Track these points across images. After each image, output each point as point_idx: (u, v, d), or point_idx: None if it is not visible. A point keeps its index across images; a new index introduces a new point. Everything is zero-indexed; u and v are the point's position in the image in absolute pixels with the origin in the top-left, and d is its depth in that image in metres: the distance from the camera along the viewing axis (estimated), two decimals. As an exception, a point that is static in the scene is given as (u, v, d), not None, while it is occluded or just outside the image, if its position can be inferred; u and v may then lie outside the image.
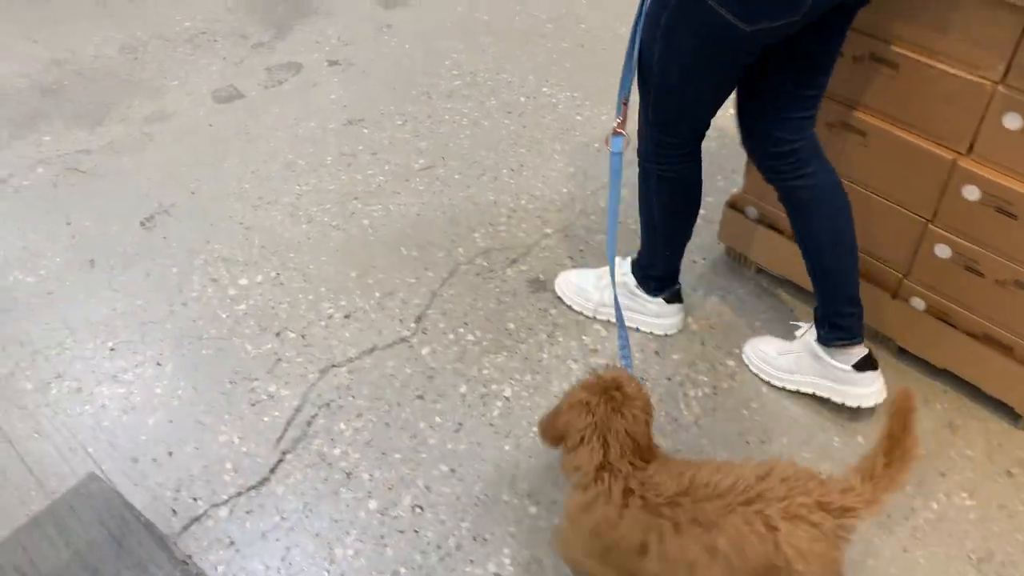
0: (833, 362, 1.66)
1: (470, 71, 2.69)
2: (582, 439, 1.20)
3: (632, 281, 1.86)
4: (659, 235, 1.75)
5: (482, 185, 2.26)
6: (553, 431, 1.27)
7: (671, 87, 1.46)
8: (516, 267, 2.05)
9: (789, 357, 1.75)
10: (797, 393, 1.74)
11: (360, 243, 2.10)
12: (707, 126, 1.58)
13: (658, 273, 1.82)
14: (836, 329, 1.63)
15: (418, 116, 2.51)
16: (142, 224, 2.15)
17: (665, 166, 1.62)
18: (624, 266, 1.88)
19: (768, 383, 1.77)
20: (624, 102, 1.48)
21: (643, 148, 1.62)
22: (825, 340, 1.66)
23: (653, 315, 1.87)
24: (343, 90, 2.61)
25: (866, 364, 1.64)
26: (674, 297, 1.87)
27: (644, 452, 1.21)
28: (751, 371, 1.80)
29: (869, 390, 1.65)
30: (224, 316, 1.92)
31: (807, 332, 1.72)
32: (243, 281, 2.02)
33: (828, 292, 1.63)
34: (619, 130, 1.49)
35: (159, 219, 2.17)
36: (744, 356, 1.83)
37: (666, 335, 1.89)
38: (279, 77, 2.66)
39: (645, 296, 1.85)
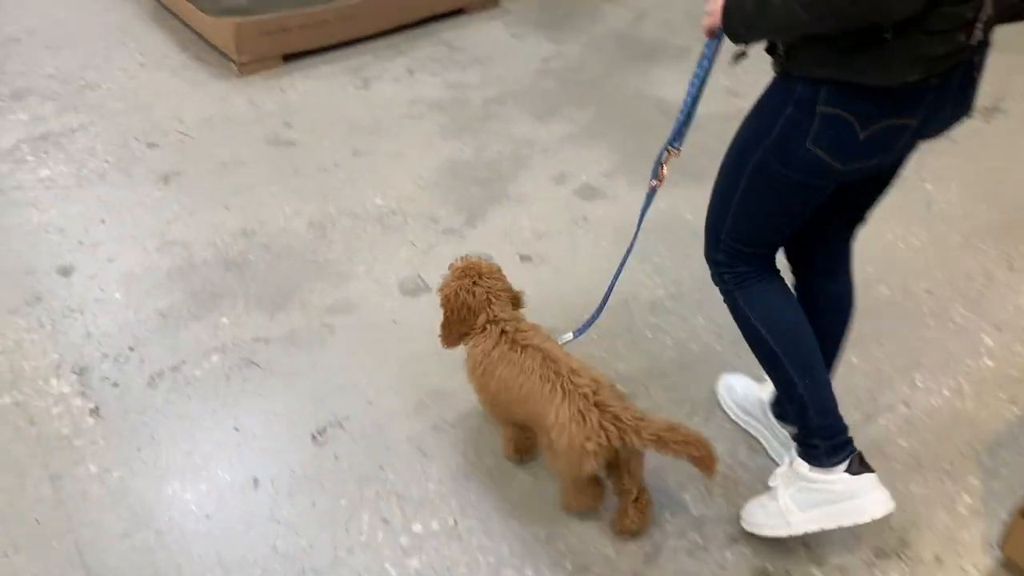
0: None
1: (674, 280, 2.43)
2: (480, 308, 1.69)
3: (804, 466, 1.61)
4: (783, 361, 1.59)
5: (692, 426, 1.94)
6: (455, 331, 1.73)
7: (753, 210, 1.51)
8: (736, 548, 1.70)
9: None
10: None
11: (549, 492, 1.81)
12: (782, 244, 1.64)
13: (816, 423, 1.58)
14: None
15: (615, 330, 2.25)
16: (313, 438, 1.95)
17: (747, 282, 1.60)
18: (792, 453, 1.67)
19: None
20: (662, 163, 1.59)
21: (720, 276, 1.63)
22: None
23: (847, 497, 1.58)
24: (533, 290, 2.39)
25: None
26: (859, 464, 1.58)
27: (516, 301, 1.77)
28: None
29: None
30: (394, 574, 1.65)
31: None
32: (417, 527, 1.75)
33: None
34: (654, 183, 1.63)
35: (332, 433, 1.96)
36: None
37: (873, 520, 1.55)
38: (468, 270, 2.48)
39: (823, 476, 1.59)
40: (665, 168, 1.60)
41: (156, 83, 3.39)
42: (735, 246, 1.56)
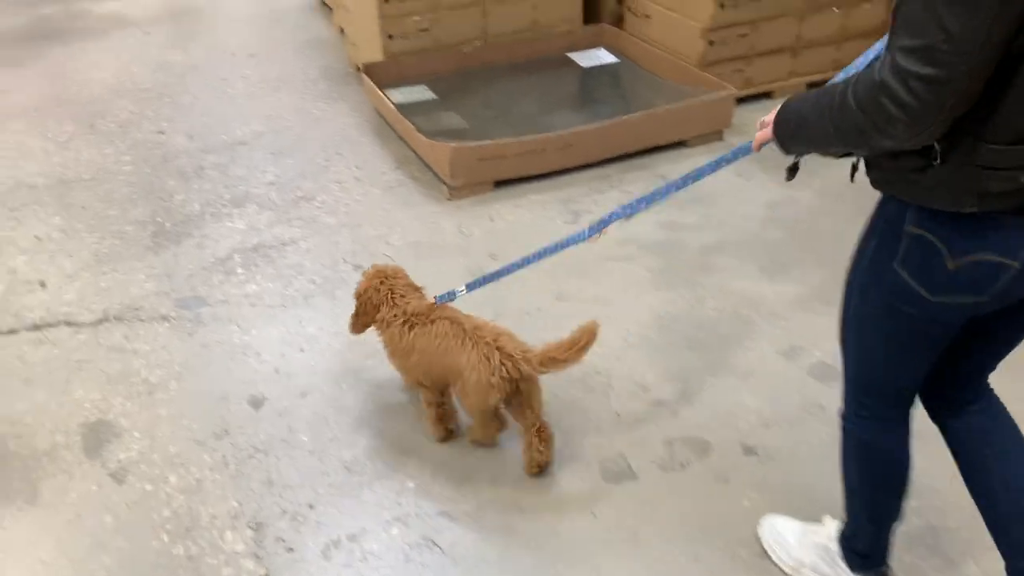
0: None
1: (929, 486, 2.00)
2: (381, 303, 2.16)
3: (836, 549, 1.77)
4: (859, 503, 1.68)
5: None
6: (360, 320, 2.22)
7: (866, 346, 1.48)
8: None
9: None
10: None
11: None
12: (910, 395, 1.54)
13: (861, 547, 1.72)
14: None
15: (860, 562, 1.85)
16: (494, 659, 1.68)
17: (862, 429, 1.58)
18: (832, 529, 1.80)
19: None
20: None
21: (843, 407, 1.61)
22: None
23: None
24: (757, 492, 2.05)
25: None
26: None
27: (414, 291, 2.20)
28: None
29: None
30: None
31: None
32: None
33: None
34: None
35: (514, 654, 1.69)
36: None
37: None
38: (681, 457, 2.17)
39: (846, 570, 1.75)
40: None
41: (369, 199, 3.38)
42: (859, 397, 1.55)
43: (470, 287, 2.13)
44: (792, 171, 1.51)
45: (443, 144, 3.31)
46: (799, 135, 1.34)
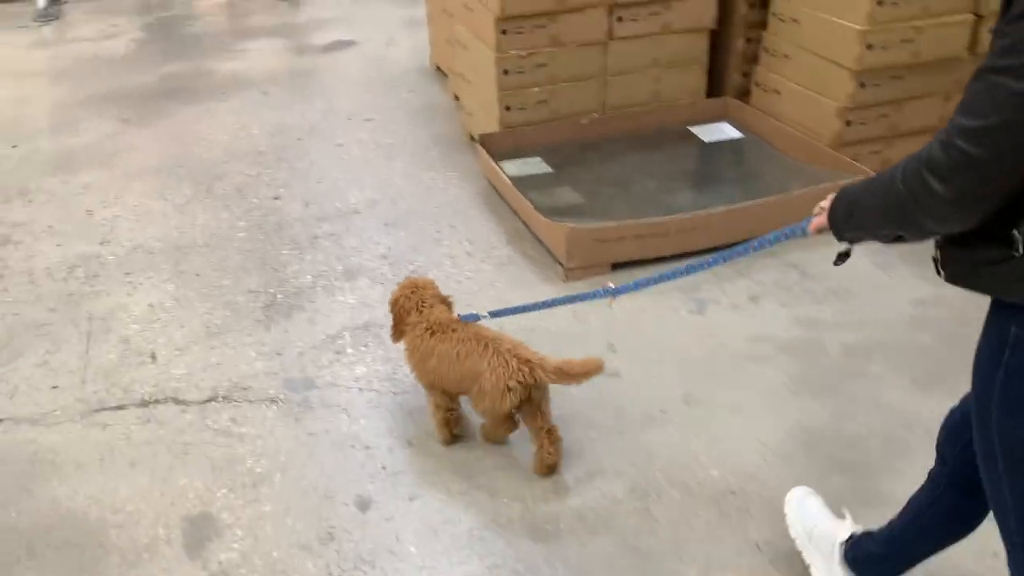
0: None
1: None
2: (411, 310, 2.36)
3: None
4: None
5: None
6: (398, 329, 2.41)
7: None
8: None
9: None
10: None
11: None
12: None
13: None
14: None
15: None
16: None
17: None
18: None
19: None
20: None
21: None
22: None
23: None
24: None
25: None
26: None
27: (440, 303, 2.39)
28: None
29: None
30: None
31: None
32: None
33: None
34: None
35: None
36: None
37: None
38: (833, 607, 1.91)
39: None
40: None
41: (480, 276, 3.25)
42: None
43: (493, 314, 2.37)
44: (843, 257, 1.53)
45: (559, 224, 3.17)
46: (851, 219, 1.36)
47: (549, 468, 2.29)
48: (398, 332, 2.42)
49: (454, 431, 2.42)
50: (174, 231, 3.64)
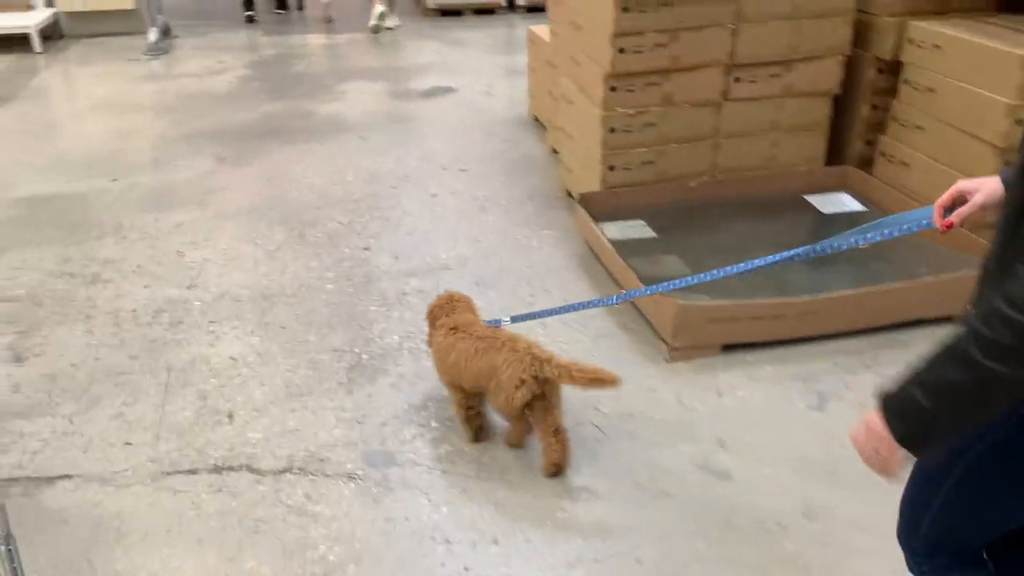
0: None
1: None
2: (441, 315, 2.58)
3: None
4: None
5: None
6: (430, 334, 2.63)
7: (968, 505, 1.35)
8: None
9: None
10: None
11: None
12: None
13: None
14: None
15: None
16: None
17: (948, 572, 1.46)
18: None
19: None
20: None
21: (917, 565, 1.51)
22: None
23: None
24: None
25: None
26: None
27: (469, 312, 2.60)
28: None
29: None
30: None
31: None
32: None
33: None
34: None
35: None
36: None
37: None
38: None
39: None
40: None
41: (576, 349, 3.02)
42: (939, 540, 1.43)
43: (514, 319, 2.60)
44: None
45: (667, 299, 2.93)
46: (931, 433, 1.15)
47: (555, 466, 2.40)
48: (430, 336, 2.63)
49: (478, 424, 2.56)
50: (262, 278, 3.54)
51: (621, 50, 3.50)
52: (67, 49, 7.48)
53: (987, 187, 1.46)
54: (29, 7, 7.71)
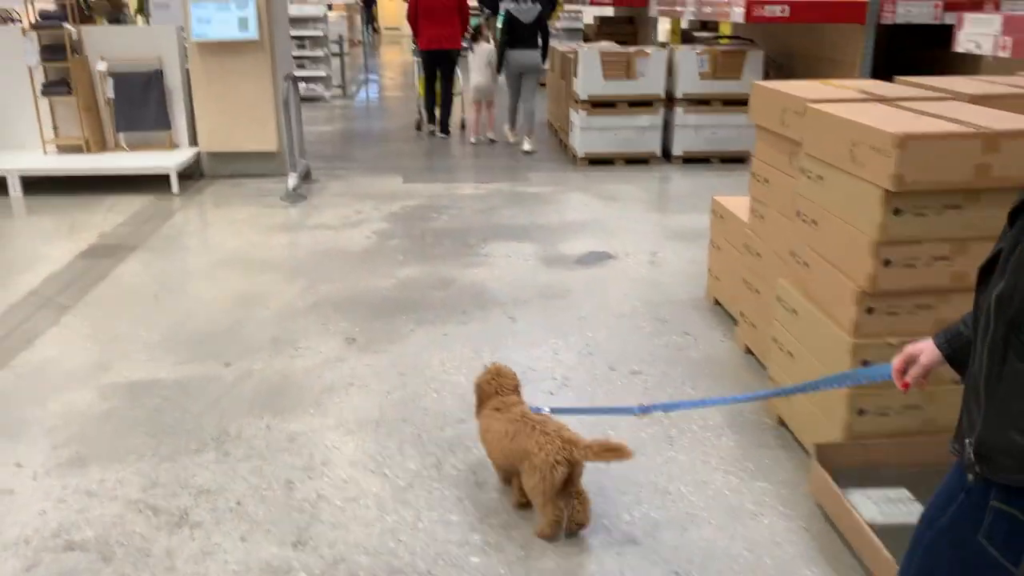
0: None
1: None
2: (492, 394, 2.84)
3: None
4: None
5: None
6: (479, 408, 2.90)
7: None
8: None
9: None
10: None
11: None
12: None
13: None
14: None
15: None
16: None
17: None
18: None
19: None
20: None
21: None
22: None
23: None
24: None
25: None
26: None
27: (514, 392, 2.85)
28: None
29: None
30: None
31: None
32: None
33: None
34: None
35: None
36: None
37: None
38: None
39: None
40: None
41: None
42: None
43: (554, 411, 2.73)
44: None
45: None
46: None
47: (578, 525, 2.63)
48: (479, 411, 2.88)
49: (523, 500, 2.72)
50: (388, 539, 2.68)
51: (887, 262, 2.59)
52: (205, 190, 7.22)
53: (927, 351, 1.63)
54: (174, 146, 7.58)
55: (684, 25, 13.87)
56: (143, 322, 4.40)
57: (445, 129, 9.58)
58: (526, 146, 8.75)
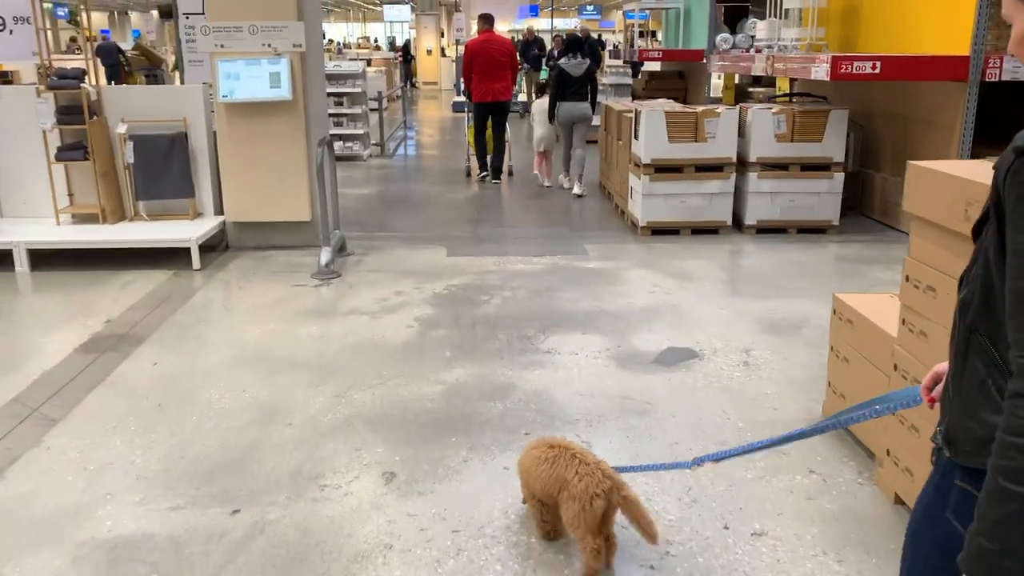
0: None
1: None
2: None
3: None
4: None
5: None
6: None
7: None
8: None
9: None
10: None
11: None
12: None
13: None
14: None
15: None
16: None
17: None
18: None
19: None
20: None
21: None
22: None
23: None
24: None
25: None
26: None
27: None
28: None
29: None
30: None
31: None
32: None
33: None
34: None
35: None
36: None
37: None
38: None
39: None
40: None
41: None
42: None
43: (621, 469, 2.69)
44: None
45: None
46: (1009, 565, 1.19)
47: (606, 563, 2.61)
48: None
49: (549, 529, 2.78)
50: None
51: None
52: (229, 265, 6.52)
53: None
54: (197, 214, 6.92)
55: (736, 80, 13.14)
56: (140, 444, 3.62)
57: (497, 175, 10.06)
58: (576, 189, 9.22)
